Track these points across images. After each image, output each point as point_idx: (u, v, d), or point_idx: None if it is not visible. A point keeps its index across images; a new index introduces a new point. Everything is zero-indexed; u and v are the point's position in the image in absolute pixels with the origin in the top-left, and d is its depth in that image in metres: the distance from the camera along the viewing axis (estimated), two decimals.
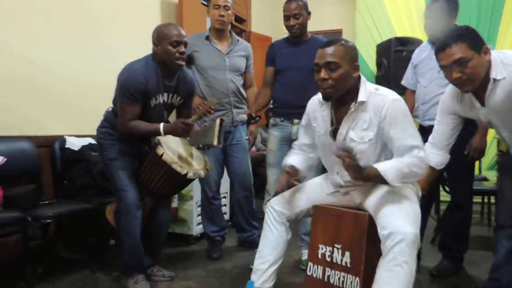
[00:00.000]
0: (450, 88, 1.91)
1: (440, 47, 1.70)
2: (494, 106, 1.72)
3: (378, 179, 1.63)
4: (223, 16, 2.64)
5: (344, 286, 1.72)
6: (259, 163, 3.80)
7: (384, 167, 1.62)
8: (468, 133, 2.25)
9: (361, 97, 1.70)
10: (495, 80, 1.67)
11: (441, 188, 3.04)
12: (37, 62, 2.61)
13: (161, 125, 2.09)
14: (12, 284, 2.23)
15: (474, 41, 1.66)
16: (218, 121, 2.14)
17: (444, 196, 2.91)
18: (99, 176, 2.62)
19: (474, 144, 2.27)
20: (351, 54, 1.71)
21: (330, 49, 1.68)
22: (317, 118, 1.86)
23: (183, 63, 2.13)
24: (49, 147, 2.66)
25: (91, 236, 2.55)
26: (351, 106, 1.72)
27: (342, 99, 1.74)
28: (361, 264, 1.68)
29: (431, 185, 2.00)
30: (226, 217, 3.34)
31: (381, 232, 1.54)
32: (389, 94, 1.70)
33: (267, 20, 5.30)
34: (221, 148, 2.69)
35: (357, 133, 1.72)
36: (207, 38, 2.71)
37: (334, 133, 1.79)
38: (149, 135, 2.13)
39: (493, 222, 3.43)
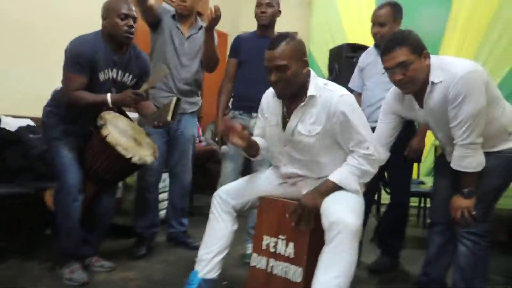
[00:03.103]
0: (392, 89, 2.01)
1: (384, 50, 1.80)
2: (431, 108, 1.83)
3: (336, 189, 1.70)
4: (184, 1, 2.58)
5: (287, 276, 1.75)
6: (208, 158, 3.77)
7: (340, 178, 1.69)
8: (407, 136, 2.37)
9: (311, 91, 1.74)
10: (433, 83, 1.78)
11: (383, 191, 3.19)
12: None
13: (108, 95, 2.04)
14: None
15: (416, 45, 1.76)
16: (174, 99, 2.12)
17: (385, 199, 3.05)
18: (37, 160, 2.47)
19: (413, 145, 2.40)
20: (299, 51, 1.73)
21: (277, 52, 1.68)
22: (270, 108, 1.89)
23: (132, 36, 2.09)
24: None
25: (26, 223, 2.40)
26: (303, 100, 1.75)
27: (293, 94, 1.77)
28: (304, 255, 1.71)
29: (371, 182, 2.09)
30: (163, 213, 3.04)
31: (325, 222, 1.58)
32: (337, 90, 1.76)
33: (224, 16, 5.27)
34: (164, 139, 2.60)
35: (305, 127, 1.76)
36: (173, 17, 2.64)
37: (284, 125, 1.82)
38: (94, 106, 2.05)
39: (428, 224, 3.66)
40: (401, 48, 1.74)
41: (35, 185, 2.35)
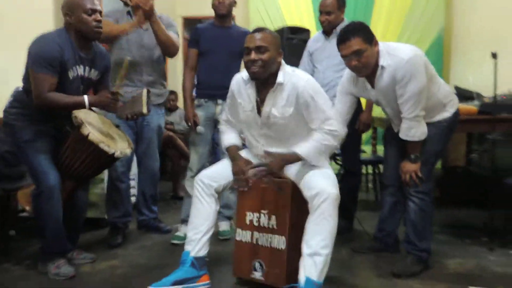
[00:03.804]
0: (347, 72, 2.26)
1: (341, 40, 2.04)
2: (381, 88, 2.12)
3: (299, 160, 1.92)
4: None
5: (272, 245, 1.96)
6: (167, 144, 3.83)
7: (305, 151, 1.90)
8: (355, 112, 2.67)
9: (279, 78, 1.94)
10: (382, 67, 2.05)
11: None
12: None
13: (85, 97, 2.04)
14: None
15: (368, 35, 2.03)
16: (145, 91, 2.17)
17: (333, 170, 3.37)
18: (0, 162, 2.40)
19: (363, 119, 2.70)
20: (277, 42, 1.94)
21: (259, 35, 1.89)
22: (242, 94, 2.04)
23: (102, 30, 2.10)
24: None
25: None
26: (272, 86, 1.94)
27: (265, 81, 1.95)
28: (286, 225, 1.93)
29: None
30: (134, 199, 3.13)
31: (308, 193, 1.80)
32: (303, 75, 1.97)
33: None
34: (132, 129, 2.66)
35: (278, 110, 1.95)
36: (128, 13, 2.64)
37: (258, 110, 2.00)
38: (70, 108, 2.04)
39: (371, 189, 4.09)
40: (355, 38, 2.00)
41: (1, 186, 2.29)
